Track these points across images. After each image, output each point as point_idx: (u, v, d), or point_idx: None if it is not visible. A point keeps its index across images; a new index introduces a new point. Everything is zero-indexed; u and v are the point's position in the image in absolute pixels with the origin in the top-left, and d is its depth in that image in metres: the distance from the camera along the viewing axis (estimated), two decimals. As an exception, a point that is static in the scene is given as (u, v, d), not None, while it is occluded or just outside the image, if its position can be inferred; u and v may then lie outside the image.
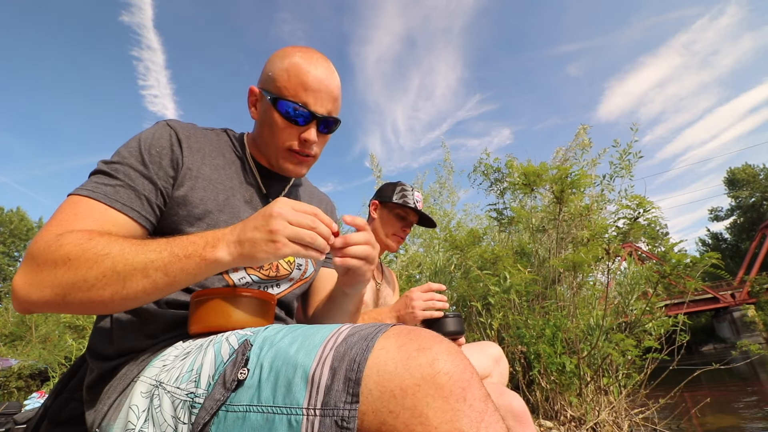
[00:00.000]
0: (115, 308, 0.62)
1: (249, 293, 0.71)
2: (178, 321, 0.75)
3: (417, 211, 1.63)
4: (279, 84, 0.80)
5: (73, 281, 0.58)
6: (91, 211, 0.67)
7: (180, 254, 0.61)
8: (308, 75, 0.79)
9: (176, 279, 0.61)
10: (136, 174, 0.72)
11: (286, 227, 0.61)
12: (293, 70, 0.79)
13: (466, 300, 3.42)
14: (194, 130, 0.84)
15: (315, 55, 0.83)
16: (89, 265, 0.58)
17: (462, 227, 5.08)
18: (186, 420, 0.55)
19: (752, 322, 28.07)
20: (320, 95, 0.81)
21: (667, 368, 2.88)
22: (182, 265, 0.61)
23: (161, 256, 0.60)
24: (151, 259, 0.60)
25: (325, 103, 0.82)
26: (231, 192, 0.83)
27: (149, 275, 0.60)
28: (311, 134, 0.82)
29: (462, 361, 0.46)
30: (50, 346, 9.66)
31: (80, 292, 0.59)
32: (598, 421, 2.70)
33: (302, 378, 0.48)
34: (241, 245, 0.61)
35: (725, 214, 52.61)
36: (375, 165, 5.95)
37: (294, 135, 0.83)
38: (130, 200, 0.70)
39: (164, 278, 0.60)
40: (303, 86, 0.79)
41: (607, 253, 2.98)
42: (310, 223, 0.63)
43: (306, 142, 0.83)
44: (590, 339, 2.98)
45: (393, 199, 1.63)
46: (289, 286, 0.91)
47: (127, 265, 0.59)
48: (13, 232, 36.35)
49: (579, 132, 4.87)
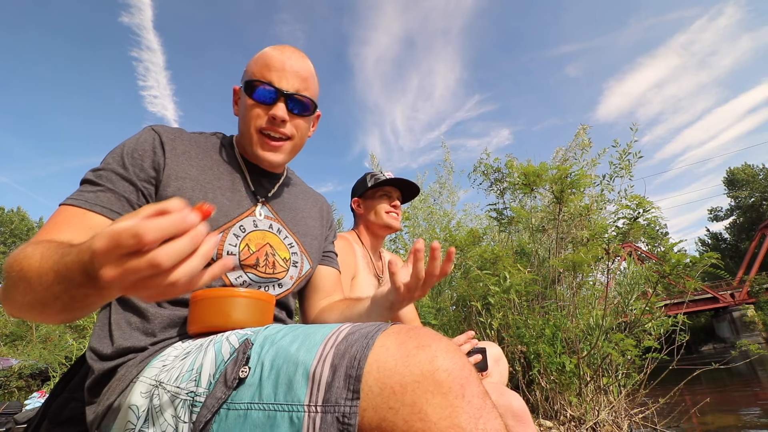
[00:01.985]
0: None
1: (248, 293, 0.72)
2: (177, 320, 0.76)
3: (395, 182, 1.64)
4: (248, 72, 0.86)
5: (6, 288, 0.57)
6: (71, 218, 0.69)
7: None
8: (273, 57, 0.85)
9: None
10: (117, 177, 0.75)
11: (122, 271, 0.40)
12: (261, 58, 0.86)
13: (466, 300, 3.43)
14: (180, 134, 0.86)
15: (286, 46, 0.88)
16: (8, 273, 0.57)
17: (462, 227, 5.08)
18: (187, 419, 0.55)
19: (752, 322, 28.08)
20: (285, 74, 0.84)
21: (667, 368, 2.88)
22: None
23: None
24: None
25: (291, 81, 0.85)
26: (220, 191, 0.84)
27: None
28: (279, 109, 0.84)
29: (461, 359, 0.47)
30: (51, 345, 9.67)
31: (17, 295, 0.56)
32: (597, 420, 2.70)
33: (303, 375, 0.49)
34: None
35: (725, 214, 52.66)
36: (375, 165, 5.96)
37: (263, 114, 0.85)
38: (109, 202, 0.72)
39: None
40: (267, 67, 0.84)
41: (607, 253, 2.98)
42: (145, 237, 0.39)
43: (275, 120, 0.84)
44: (590, 339, 2.99)
45: (368, 186, 1.65)
46: (291, 285, 0.92)
47: (23, 272, 0.54)
48: (14, 231, 36.39)
49: (579, 132, 4.87)
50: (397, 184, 1.68)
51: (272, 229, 0.91)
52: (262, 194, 0.93)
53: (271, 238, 0.89)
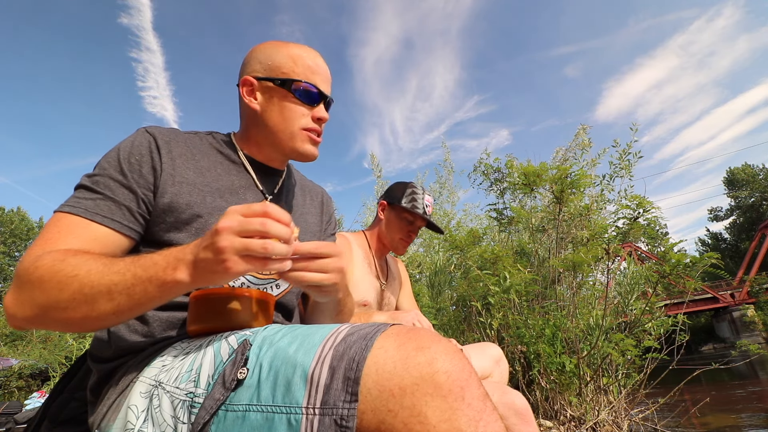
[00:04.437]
0: (92, 327, 0.62)
1: (248, 293, 0.71)
2: (175, 322, 0.75)
3: (425, 218, 1.60)
4: (286, 70, 0.86)
5: (48, 303, 0.59)
6: (73, 228, 0.68)
7: (142, 276, 0.58)
8: (313, 60, 0.88)
9: (140, 302, 0.59)
10: (116, 184, 0.73)
11: (234, 241, 0.54)
12: (298, 58, 0.87)
13: (466, 300, 3.43)
14: (175, 135, 0.84)
15: (310, 48, 0.91)
16: (60, 287, 0.58)
17: (462, 227, 5.08)
18: (185, 420, 0.55)
19: (752, 322, 28.08)
20: (324, 78, 0.90)
21: (667, 368, 2.88)
22: (144, 287, 0.58)
23: (124, 278, 0.58)
24: (114, 282, 0.58)
25: (327, 86, 0.91)
26: (219, 193, 0.82)
27: (114, 298, 0.58)
28: (323, 112, 0.89)
29: (460, 361, 0.47)
30: (51, 345, 9.67)
31: (56, 313, 0.59)
32: (597, 420, 2.70)
33: (301, 377, 0.48)
34: (196, 267, 0.57)
35: (725, 214, 52.66)
36: (375, 165, 5.96)
37: (307, 113, 0.88)
38: (110, 212, 0.71)
39: (128, 301, 0.58)
40: (311, 70, 0.87)
41: (607, 253, 2.98)
42: (260, 228, 0.55)
43: (320, 120, 0.89)
44: (590, 339, 2.98)
45: (402, 202, 1.59)
46: (288, 285, 0.91)
47: (93, 288, 0.58)
48: (14, 232, 36.37)
49: (579, 132, 4.87)
50: (426, 221, 1.62)
51: None
52: (269, 191, 0.92)
53: None
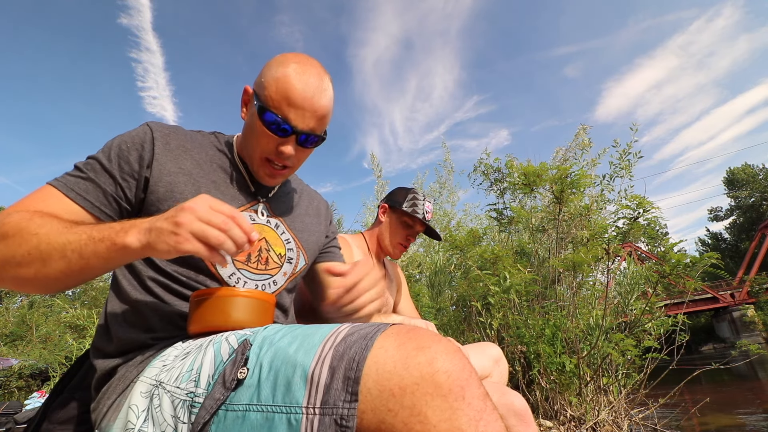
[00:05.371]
0: (41, 287, 0.64)
1: (248, 293, 0.71)
2: (176, 316, 0.76)
3: (425, 224, 1.63)
4: (267, 93, 0.79)
5: (5, 257, 0.62)
6: (48, 198, 0.71)
7: (96, 237, 0.61)
8: (294, 90, 0.78)
9: (89, 262, 0.61)
10: (100, 168, 0.76)
11: (193, 222, 0.58)
12: (281, 83, 0.78)
13: (466, 300, 3.43)
14: (176, 130, 0.86)
15: (310, 69, 0.81)
16: (19, 242, 0.61)
17: (462, 227, 5.08)
18: (186, 419, 0.55)
19: (752, 322, 28.07)
20: (304, 113, 0.80)
21: (667, 368, 2.88)
22: (95, 247, 0.60)
23: (80, 238, 0.61)
24: (70, 240, 0.61)
25: (307, 121, 0.81)
26: (214, 186, 0.84)
27: (66, 256, 0.61)
28: (288, 148, 0.82)
29: (460, 360, 0.47)
30: (51, 345, 9.67)
31: (10, 268, 0.62)
32: (597, 420, 2.70)
33: (301, 377, 0.48)
34: (148, 233, 0.60)
35: (725, 214, 52.65)
36: (375, 165, 5.95)
37: (272, 145, 0.83)
38: (86, 191, 0.73)
39: (79, 260, 0.61)
40: (287, 101, 0.78)
41: (607, 253, 2.98)
42: (222, 224, 0.60)
43: (282, 154, 0.83)
44: (590, 339, 2.98)
45: (403, 206, 1.63)
46: (284, 282, 0.91)
47: (49, 245, 0.61)
48: (13, 232, 36.32)
49: (579, 132, 4.86)
50: (425, 224, 1.66)
51: (269, 224, 0.91)
52: (263, 194, 0.93)
53: (268, 233, 0.89)
